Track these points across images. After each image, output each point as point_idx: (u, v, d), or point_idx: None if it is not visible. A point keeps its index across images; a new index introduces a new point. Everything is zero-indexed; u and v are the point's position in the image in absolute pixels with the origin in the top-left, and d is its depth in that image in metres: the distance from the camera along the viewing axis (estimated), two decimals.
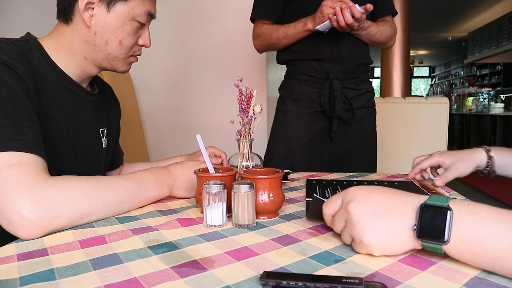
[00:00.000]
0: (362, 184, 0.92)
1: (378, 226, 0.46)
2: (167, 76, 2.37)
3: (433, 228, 0.43)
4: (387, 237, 0.46)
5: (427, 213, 0.44)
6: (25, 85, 0.65)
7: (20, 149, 0.58)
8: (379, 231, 0.46)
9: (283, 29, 1.30)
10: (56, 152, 0.74)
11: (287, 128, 1.36)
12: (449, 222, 0.42)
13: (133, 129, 2.12)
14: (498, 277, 0.41)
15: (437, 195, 0.46)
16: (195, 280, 0.41)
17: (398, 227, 0.46)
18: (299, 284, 0.38)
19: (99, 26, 0.75)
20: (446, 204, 0.43)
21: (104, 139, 0.91)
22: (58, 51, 0.77)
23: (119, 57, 0.80)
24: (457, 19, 8.25)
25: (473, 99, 7.52)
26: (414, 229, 0.44)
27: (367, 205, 0.48)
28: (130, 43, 0.80)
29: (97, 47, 0.77)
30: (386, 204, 0.48)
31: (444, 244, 0.42)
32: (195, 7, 2.28)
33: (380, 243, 0.46)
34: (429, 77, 15.30)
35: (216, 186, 0.61)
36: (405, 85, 4.38)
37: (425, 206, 0.44)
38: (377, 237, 0.46)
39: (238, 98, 0.74)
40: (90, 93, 0.84)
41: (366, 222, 0.47)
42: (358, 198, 0.49)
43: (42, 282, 0.41)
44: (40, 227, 0.55)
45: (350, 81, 1.33)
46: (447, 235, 0.42)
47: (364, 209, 0.48)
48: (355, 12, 1.12)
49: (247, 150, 0.77)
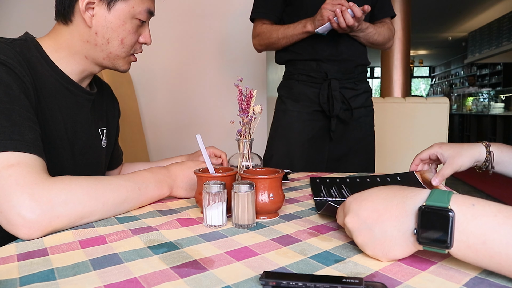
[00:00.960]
0: (365, 180, 0.92)
1: (374, 237, 0.45)
2: (167, 76, 2.37)
3: (435, 233, 0.40)
4: (385, 244, 0.45)
5: (427, 217, 0.41)
6: (24, 85, 0.65)
7: (19, 149, 0.58)
8: (376, 241, 0.45)
9: (282, 29, 1.31)
10: (55, 152, 0.74)
11: (286, 127, 1.37)
12: (451, 227, 0.39)
13: (133, 129, 2.12)
14: (499, 277, 0.41)
15: (437, 192, 0.42)
16: (195, 280, 0.41)
17: (397, 232, 0.44)
18: (299, 284, 0.38)
19: (100, 25, 0.75)
20: (447, 204, 0.40)
21: (103, 138, 0.91)
22: (57, 50, 0.76)
23: (120, 56, 0.80)
24: (457, 19, 8.25)
25: (473, 99, 7.52)
26: (415, 234, 0.42)
27: (360, 217, 0.47)
28: (132, 41, 0.80)
29: (98, 46, 0.77)
30: (378, 211, 0.46)
31: (447, 249, 0.40)
32: (195, 7, 2.28)
33: (380, 252, 0.45)
34: (429, 77, 15.29)
35: (216, 186, 0.61)
36: (405, 85, 4.38)
37: (425, 209, 0.41)
38: (376, 247, 0.46)
39: (238, 98, 0.74)
40: (88, 92, 0.83)
41: (361, 235, 0.47)
42: (351, 211, 0.49)
43: (42, 282, 0.41)
44: (40, 227, 0.55)
45: (349, 81, 1.34)
46: (450, 240, 0.40)
47: (357, 222, 0.47)
48: (356, 12, 1.12)
49: (247, 150, 0.77)
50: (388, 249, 0.45)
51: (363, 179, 0.93)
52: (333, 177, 0.97)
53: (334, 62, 1.31)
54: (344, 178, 0.95)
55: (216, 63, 2.30)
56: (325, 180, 0.95)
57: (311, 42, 1.29)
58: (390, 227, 0.44)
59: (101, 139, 0.90)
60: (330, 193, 0.83)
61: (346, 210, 0.50)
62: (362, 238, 0.47)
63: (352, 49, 1.32)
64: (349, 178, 0.96)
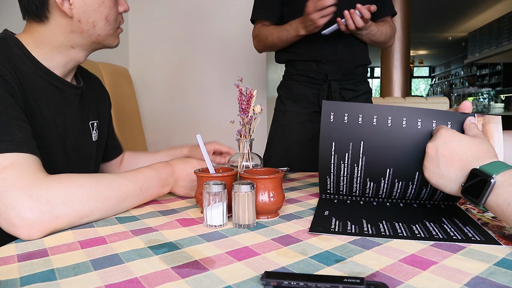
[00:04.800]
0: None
1: (438, 171, 0.58)
2: (167, 76, 2.37)
3: (475, 191, 0.53)
4: (441, 180, 0.59)
5: (474, 178, 0.53)
6: (8, 84, 0.64)
7: (10, 150, 0.57)
8: (438, 174, 0.59)
9: (277, 33, 1.31)
10: (47, 149, 0.73)
11: (286, 128, 1.37)
12: (488, 191, 0.51)
13: (133, 129, 2.12)
14: (500, 277, 0.41)
15: (497, 163, 0.53)
16: (196, 281, 0.41)
17: (453, 179, 0.57)
18: (300, 284, 0.38)
19: (82, 11, 0.73)
20: (494, 173, 0.51)
21: (94, 132, 0.90)
22: (38, 47, 0.74)
23: (109, 34, 0.79)
24: (457, 19, 8.25)
25: (473, 99, 7.53)
26: (461, 186, 0.56)
27: (439, 151, 0.58)
28: (115, 15, 0.79)
29: (84, 32, 0.76)
30: (454, 157, 0.57)
31: (479, 205, 0.52)
32: (195, 7, 2.28)
33: (435, 181, 0.59)
34: (429, 77, 15.30)
35: (216, 186, 0.60)
36: (405, 85, 4.39)
37: (475, 171, 0.54)
38: (435, 177, 0.59)
39: (238, 98, 0.74)
40: (75, 86, 0.82)
41: (431, 163, 0.59)
42: (437, 139, 0.59)
43: (43, 283, 0.41)
44: (40, 228, 0.54)
45: (349, 82, 1.33)
46: (484, 200, 0.51)
47: (435, 153, 0.59)
48: (364, 14, 1.12)
49: (247, 150, 0.77)
50: (442, 184, 0.59)
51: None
52: None
53: (334, 62, 1.31)
54: None
55: (216, 63, 2.30)
56: None
57: (311, 42, 1.29)
58: (454, 173, 0.57)
59: (91, 133, 0.89)
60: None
61: (437, 135, 0.60)
62: (430, 166, 0.59)
63: (352, 49, 1.32)
64: None
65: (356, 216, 0.64)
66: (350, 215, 0.65)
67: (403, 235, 0.54)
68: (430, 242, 0.52)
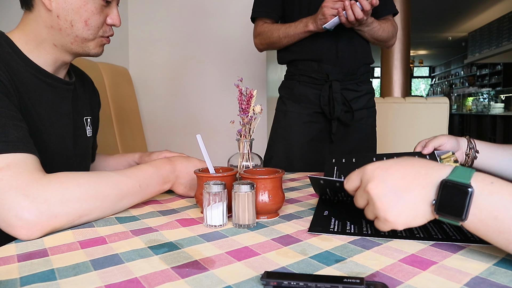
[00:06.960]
0: (381, 159, 0.90)
1: (401, 203, 0.47)
2: (167, 76, 2.37)
3: (452, 206, 0.43)
4: (410, 212, 0.47)
5: (447, 190, 0.43)
6: (1, 84, 0.63)
7: (5, 151, 0.57)
8: (402, 207, 0.47)
9: (283, 28, 1.30)
10: (43, 147, 0.72)
11: (287, 129, 1.36)
12: (468, 202, 0.42)
13: (133, 129, 2.11)
14: (500, 277, 0.41)
15: (460, 168, 0.44)
16: (196, 281, 0.41)
17: (420, 201, 0.46)
18: (300, 284, 0.38)
19: (60, 7, 0.72)
20: (468, 181, 0.42)
21: (88, 127, 0.90)
22: (27, 43, 0.74)
23: (88, 38, 0.77)
24: (457, 19, 8.25)
25: (473, 99, 7.52)
26: (433, 204, 0.45)
27: (386, 183, 0.48)
28: (97, 23, 0.76)
29: (63, 31, 0.74)
30: (406, 180, 0.47)
31: (461, 221, 0.43)
32: (195, 7, 2.27)
33: (404, 219, 0.47)
34: (429, 77, 15.30)
35: (216, 186, 0.60)
36: (405, 85, 4.38)
37: (446, 183, 0.44)
38: (401, 213, 0.47)
39: (238, 98, 0.74)
40: (67, 82, 0.81)
41: (388, 201, 0.47)
42: (376, 178, 0.49)
43: (43, 283, 0.41)
44: (39, 228, 0.54)
45: (351, 82, 1.33)
46: (465, 214, 0.42)
47: (384, 188, 0.48)
48: (364, 5, 1.12)
49: (247, 150, 0.77)
50: (412, 217, 0.47)
51: (379, 158, 0.90)
52: (350, 156, 0.95)
53: (335, 62, 1.30)
54: (360, 158, 0.93)
55: (216, 63, 2.30)
56: (341, 160, 0.94)
57: (312, 41, 1.29)
58: (418, 196, 0.46)
59: (86, 128, 0.89)
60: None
61: (368, 177, 0.50)
62: (387, 204, 0.47)
63: (354, 47, 1.31)
64: (364, 155, 0.94)
65: (355, 216, 0.64)
66: (350, 215, 0.65)
67: (402, 235, 0.54)
68: (429, 242, 0.52)
